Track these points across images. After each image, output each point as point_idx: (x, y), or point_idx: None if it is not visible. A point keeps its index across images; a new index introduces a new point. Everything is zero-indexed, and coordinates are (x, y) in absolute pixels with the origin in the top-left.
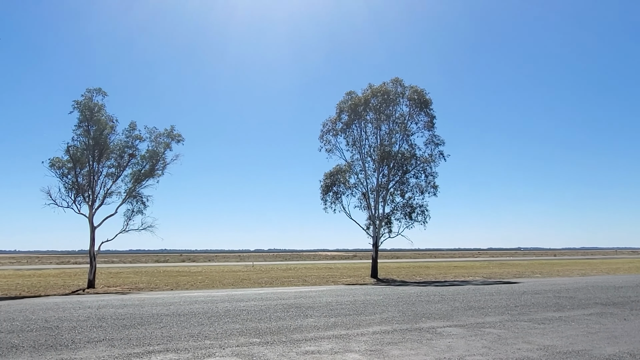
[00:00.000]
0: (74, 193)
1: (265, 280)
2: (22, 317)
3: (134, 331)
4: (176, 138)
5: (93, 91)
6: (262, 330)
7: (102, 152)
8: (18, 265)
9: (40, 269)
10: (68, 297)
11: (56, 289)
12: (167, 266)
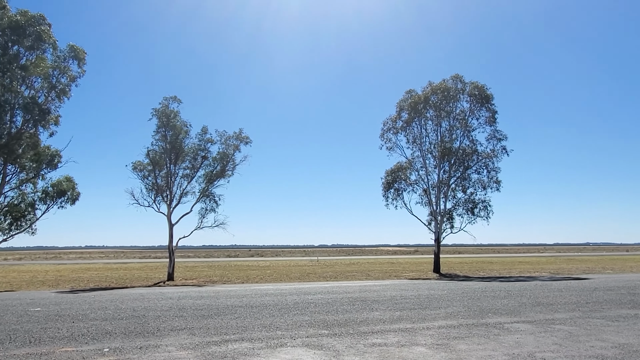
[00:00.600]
0: (153, 193)
1: (330, 274)
2: (113, 306)
3: (211, 321)
4: (244, 140)
5: (169, 99)
6: (330, 322)
7: (178, 155)
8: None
9: (126, 262)
10: (151, 288)
11: (140, 281)
12: (238, 261)
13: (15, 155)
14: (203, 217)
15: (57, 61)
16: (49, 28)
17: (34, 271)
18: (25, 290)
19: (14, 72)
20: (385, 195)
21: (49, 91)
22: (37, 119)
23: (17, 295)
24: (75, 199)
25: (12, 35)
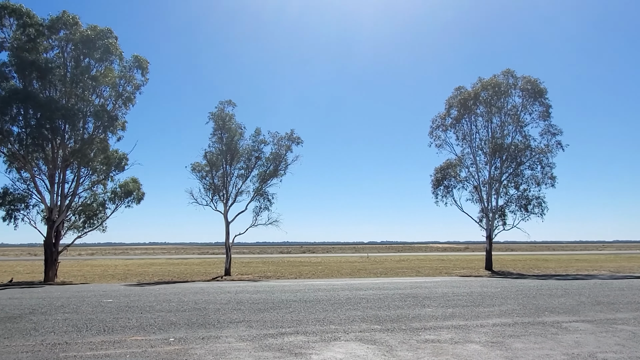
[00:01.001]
0: (211, 193)
1: (380, 270)
2: (176, 299)
3: (267, 314)
4: (295, 140)
5: (224, 103)
6: (382, 318)
7: (233, 156)
8: (168, 255)
9: (186, 258)
10: (210, 283)
11: (200, 276)
12: (290, 257)
13: (88, 159)
14: (257, 215)
15: (123, 71)
16: (115, 41)
17: (105, 265)
18: (97, 283)
19: (85, 82)
20: (434, 193)
21: (116, 99)
22: (107, 125)
23: (91, 288)
24: (140, 198)
25: (83, 49)
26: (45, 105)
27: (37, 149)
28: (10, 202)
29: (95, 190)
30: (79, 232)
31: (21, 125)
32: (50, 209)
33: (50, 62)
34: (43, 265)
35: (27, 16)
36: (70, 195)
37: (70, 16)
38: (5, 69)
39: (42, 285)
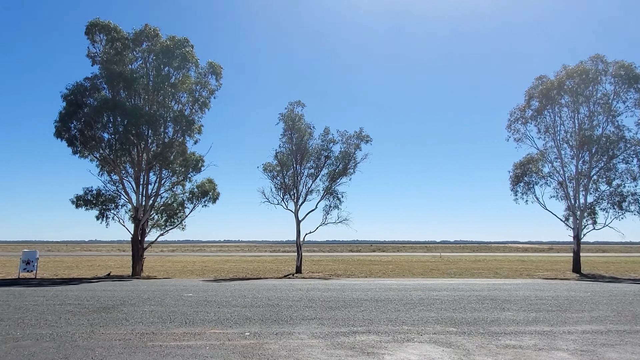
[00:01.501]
0: (282, 192)
1: (454, 271)
2: (250, 295)
3: (339, 312)
4: (365, 139)
5: (294, 103)
6: (457, 320)
7: (303, 156)
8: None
9: (258, 256)
10: (282, 280)
11: (272, 273)
12: (360, 255)
13: (168, 161)
14: (327, 213)
15: (199, 77)
16: (191, 49)
17: (184, 262)
18: (178, 278)
19: (166, 90)
20: (513, 190)
21: (193, 104)
22: (185, 129)
23: (173, 282)
24: (216, 198)
25: (163, 58)
26: (131, 113)
27: (124, 153)
28: (102, 202)
29: (175, 191)
30: (162, 230)
31: (111, 131)
32: (136, 208)
33: (134, 72)
34: (131, 260)
35: (114, 31)
36: (153, 195)
37: (152, 28)
38: (97, 81)
39: (130, 279)
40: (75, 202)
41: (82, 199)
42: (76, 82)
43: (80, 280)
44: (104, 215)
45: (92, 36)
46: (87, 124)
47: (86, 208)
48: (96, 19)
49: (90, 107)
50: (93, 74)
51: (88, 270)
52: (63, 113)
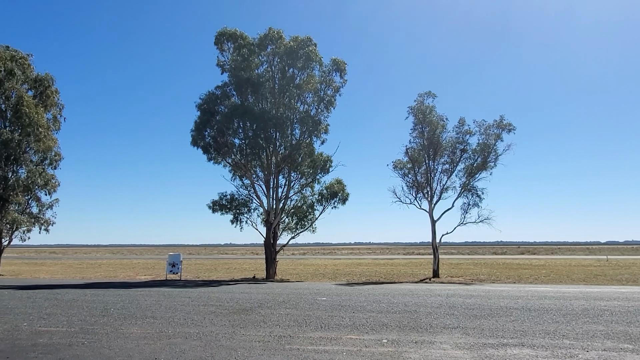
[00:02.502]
0: (414, 190)
1: (626, 277)
2: (386, 300)
3: (485, 322)
4: (507, 128)
5: (424, 95)
6: (634, 336)
7: (436, 151)
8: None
9: (391, 258)
10: (418, 284)
11: (407, 277)
12: (506, 258)
13: (296, 163)
14: (465, 212)
15: (323, 76)
16: (315, 47)
17: (315, 265)
18: (310, 281)
19: (291, 91)
20: None
21: (318, 104)
22: (311, 130)
23: (305, 286)
24: (345, 199)
25: (288, 60)
26: (259, 117)
27: (254, 158)
28: (236, 206)
29: (304, 193)
30: (292, 233)
31: (241, 137)
32: (268, 211)
33: (261, 76)
34: (264, 263)
35: (240, 38)
36: (283, 198)
37: (275, 31)
38: (226, 89)
39: (264, 282)
40: (211, 207)
41: (217, 203)
42: (208, 91)
43: (220, 283)
44: (238, 219)
45: (220, 45)
46: (220, 131)
47: (221, 212)
48: (224, 28)
49: (221, 114)
50: (223, 82)
51: (226, 273)
52: (198, 122)
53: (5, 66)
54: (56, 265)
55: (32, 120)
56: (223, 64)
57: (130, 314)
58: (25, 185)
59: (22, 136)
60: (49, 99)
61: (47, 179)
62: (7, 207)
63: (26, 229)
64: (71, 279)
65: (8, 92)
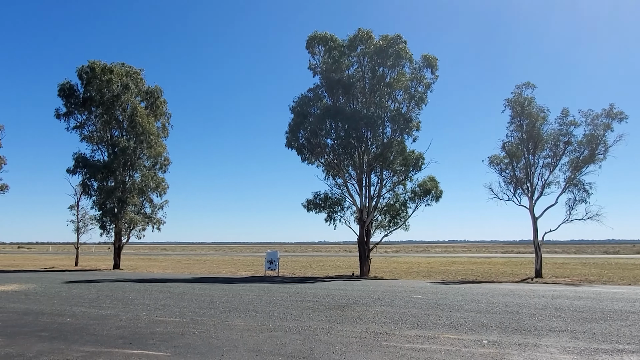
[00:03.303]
0: (513, 186)
1: None
2: (484, 299)
3: (596, 325)
4: (617, 117)
5: (522, 86)
6: None
7: (536, 144)
8: (469, 254)
9: (488, 257)
10: (519, 284)
11: (506, 276)
12: (619, 258)
13: (388, 161)
14: (571, 208)
15: (414, 72)
16: (405, 45)
17: (409, 263)
18: (404, 279)
19: (382, 90)
20: None
21: (409, 101)
22: (402, 128)
23: (400, 283)
24: (438, 196)
25: (377, 59)
26: (351, 117)
27: (346, 157)
28: (329, 205)
29: (396, 191)
30: (385, 231)
31: (333, 137)
32: (361, 210)
33: (351, 77)
34: (358, 261)
35: (331, 41)
36: (376, 196)
37: (365, 31)
38: (318, 91)
39: (359, 279)
40: (306, 206)
41: (312, 202)
42: (301, 94)
43: (315, 279)
44: (332, 217)
45: (311, 49)
46: (313, 132)
47: (316, 211)
48: (314, 32)
49: (314, 116)
50: (315, 85)
51: (320, 270)
52: (292, 124)
53: (121, 81)
54: (167, 261)
55: (145, 129)
56: (314, 67)
57: (234, 307)
58: (140, 188)
59: (137, 144)
60: (159, 109)
61: (158, 182)
62: (125, 208)
63: (141, 227)
64: (180, 274)
65: (124, 105)
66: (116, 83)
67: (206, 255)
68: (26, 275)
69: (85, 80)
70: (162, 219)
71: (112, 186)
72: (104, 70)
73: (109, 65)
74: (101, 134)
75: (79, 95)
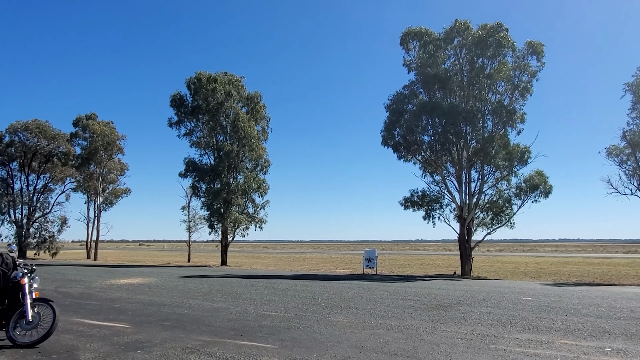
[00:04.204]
0: (636, 179)
1: None
2: (605, 303)
3: None
4: None
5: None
6: None
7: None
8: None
9: (607, 257)
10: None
11: (630, 279)
12: None
13: (490, 156)
14: None
15: (517, 61)
16: (506, 33)
17: (514, 262)
18: (510, 279)
19: (481, 82)
20: None
21: (512, 92)
22: (505, 120)
23: (506, 284)
24: (547, 192)
25: (476, 50)
26: (448, 112)
27: (444, 153)
28: (427, 203)
29: (499, 187)
30: (488, 229)
31: (430, 133)
32: (460, 207)
33: (448, 71)
34: (457, 259)
35: (426, 35)
36: (477, 193)
37: (462, 22)
38: (413, 87)
39: (460, 279)
40: (403, 204)
41: (409, 200)
42: (396, 92)
43: (415, 278)
44: (430, 215)
45: (406, 45)
46: (409, 129)
47: (413, 209)
48: (408, 27)
49: (410, 113)
50: (410, 81)
51: (419, 269)
52: (387, 122)
53: (224, 89)
54: (268, 259)
55: (246, 133)
56: (409, 63)
57: (335, 304)
58: (243, 189)
59: (239, 147)
60: (258, 113)
61: (259, 183)
62: (230, 208)
63: (245, 226)
64: (282, 271)
65: (227, 111)
66: (220, 91)
67: (305, 253)
68: (147, 269)
69: (193, 90)
70: (263, 218)
71: (219, 188)
72: (209, 80)
73: (213, 74)
74: (207, 140)
75: (188, 104)
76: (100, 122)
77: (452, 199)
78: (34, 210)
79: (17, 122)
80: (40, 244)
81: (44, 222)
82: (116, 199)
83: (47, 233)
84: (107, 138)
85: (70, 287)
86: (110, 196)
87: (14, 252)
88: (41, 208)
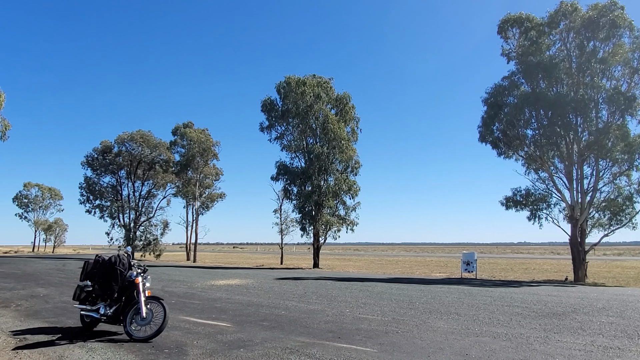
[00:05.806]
0: None
1: None
2: None
3: None
4: None
5: None
6: None
7: None
8: None
9: None
10: None
11: None
12: None
13: (606, 149)
14: None
15: (636, 42)
16: (622, 11)
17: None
18: (633, 287)
19: (593, 68)
20: None
21: (631, 76)
22: (623, 109)
23: (629, 292)
24: None
25: (586, 33)
26: (554, 103)
27: (551, 148)
28: (532, 202)
29: (618, 183)
30: (605, 230)
31: (534, 127)
32: (572, 206)
33: (553, 58)
34: (569, 264)
35: (527, 21)
36: (591, 191)
37: (568, 4)
38: (514, 78)
39: (573, 285)
40: (504, 204)
41: (511, 200)
42: (495, 84)
43: (520, 283)
44: (536, 215)
45: (504, 33)
46: (509, 123)
47: (516, 209)
48: (507, 14)
49: (510, 106)
50: (510, 72)
51: (524, 273)
52: (485, 117)
53: (313, 92)
54: (360, 261)
55: (336, 134)
56: (508, 52)
57: (434, 309)
58: (334, 191)
59: (329, 149)
60: (348, 114)
61: (350, 184)
62: (322, 210)
63: (336, 229)
64: (375, 274)
65: (317, 113)
66: (309, 94)
67: (398, 256)
68: (243, 271)
69: (283, 94)
70: (355, 220)
71: (310, 190)
72: (298, 83)
73: (302, 78)
74: (298, 142)
75: (278, 108)
76: (197, 129)
77: (562, 198)
78: (140, 214)
79: (124, 133)
80: (146, 246)
81: (148, 225)
82: (212, 203)
83: (151, 236)
84: (203, 145)
85: (175, 287)
86: (206, 200)
87: (129, 254)
88: (146, 212)
